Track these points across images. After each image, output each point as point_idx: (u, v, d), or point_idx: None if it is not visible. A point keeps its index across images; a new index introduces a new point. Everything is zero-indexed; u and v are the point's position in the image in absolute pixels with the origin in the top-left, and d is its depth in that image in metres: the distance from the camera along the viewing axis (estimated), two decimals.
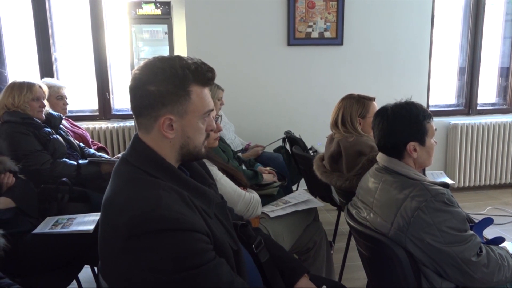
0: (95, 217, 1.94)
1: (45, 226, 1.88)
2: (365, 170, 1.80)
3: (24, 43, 3.93)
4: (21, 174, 2.08)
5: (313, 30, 3.89)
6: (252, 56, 3.86)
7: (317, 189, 2.81)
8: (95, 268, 2.22)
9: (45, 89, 2.51)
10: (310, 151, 3.19)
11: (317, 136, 3.19)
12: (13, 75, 3.90)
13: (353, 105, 2.30)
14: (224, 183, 1.78)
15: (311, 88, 4.00)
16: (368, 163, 2.02)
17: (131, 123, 3.95)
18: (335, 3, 3.87)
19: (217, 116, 1.18)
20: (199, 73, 1.09)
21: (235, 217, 1.47)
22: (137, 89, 1.07)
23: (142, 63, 1.10)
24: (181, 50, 3.77)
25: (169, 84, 1.05)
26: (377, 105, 2.29)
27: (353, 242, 2.31)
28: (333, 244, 2.85)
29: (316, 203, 2.22)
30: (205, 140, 1.16)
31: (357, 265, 2.30)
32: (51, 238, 1.84)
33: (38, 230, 1.86)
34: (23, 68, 3.98)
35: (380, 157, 1.61)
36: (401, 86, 4.05)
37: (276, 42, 3.87)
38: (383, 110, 1.57)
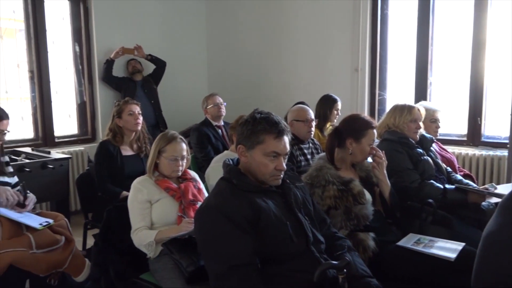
0: (458, 246, 1.88)
1: (408, 242, 1.98)
2: None
3: (402, 69, 4.30)
4: None
5: None
6: None
7: None
8: None
9: (422, 112, 2.66)
10: None
11: None
12: (391, 99, 4.35)
13: None
14: None
15: None
16: None
17: (502, 152, 3.56)
18: None
19: None
20: None
21: None
22: None
23: None
24: None
25: None
26: None
27: None
28: None
29: None
30: None
31: None
32: (411, 253, 1.91)
33: (401, 243, 1.98)
34: (399, 91, 4.37)
35: None
36: None
37: None
38: None
